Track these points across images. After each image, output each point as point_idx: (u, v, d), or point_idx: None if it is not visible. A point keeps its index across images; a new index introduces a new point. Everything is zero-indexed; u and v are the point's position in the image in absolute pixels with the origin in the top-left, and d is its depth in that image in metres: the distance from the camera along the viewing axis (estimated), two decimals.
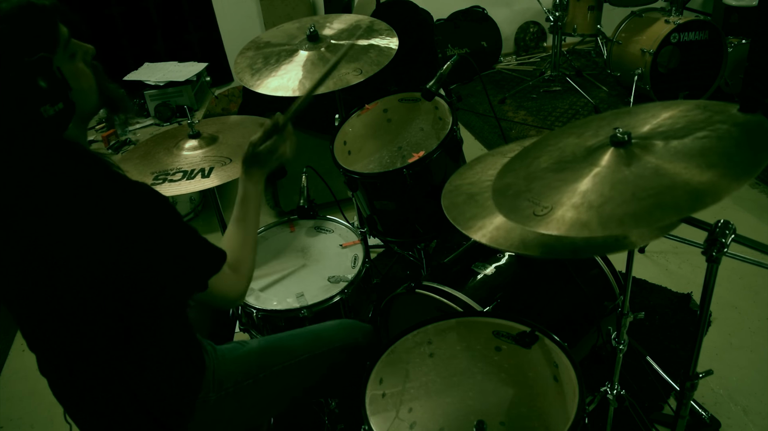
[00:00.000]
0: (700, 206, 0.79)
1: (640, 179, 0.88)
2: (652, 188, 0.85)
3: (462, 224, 1.23)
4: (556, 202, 0.92)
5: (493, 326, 1.28)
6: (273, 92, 1.68)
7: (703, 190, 0.81)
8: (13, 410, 2.11)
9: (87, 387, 1.05)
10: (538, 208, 0.93)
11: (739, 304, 2.13)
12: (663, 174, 0.87)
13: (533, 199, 0.96)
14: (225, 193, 3.29)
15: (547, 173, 1.01)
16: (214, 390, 1.19)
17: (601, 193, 0.89)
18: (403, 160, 1.85)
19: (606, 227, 0.83)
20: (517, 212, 0.95)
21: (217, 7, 4.13)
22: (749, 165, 0.81)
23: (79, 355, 1.02)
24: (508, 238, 1.16)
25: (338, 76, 1.70)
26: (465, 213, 1.27)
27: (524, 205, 0.95)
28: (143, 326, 1.02)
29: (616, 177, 0.91)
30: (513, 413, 1.22)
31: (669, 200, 0.82)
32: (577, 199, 0.90)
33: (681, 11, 3.54)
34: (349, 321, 1.45)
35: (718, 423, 1.71)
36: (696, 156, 0.86)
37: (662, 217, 0.81)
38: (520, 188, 1.01)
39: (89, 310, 0.96)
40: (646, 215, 0.82)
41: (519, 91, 4.08)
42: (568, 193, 0.93)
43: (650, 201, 0.83)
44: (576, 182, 0.94)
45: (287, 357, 1.30)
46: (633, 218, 0.82)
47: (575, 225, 0.86)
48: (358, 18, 1.95)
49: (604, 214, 0.85)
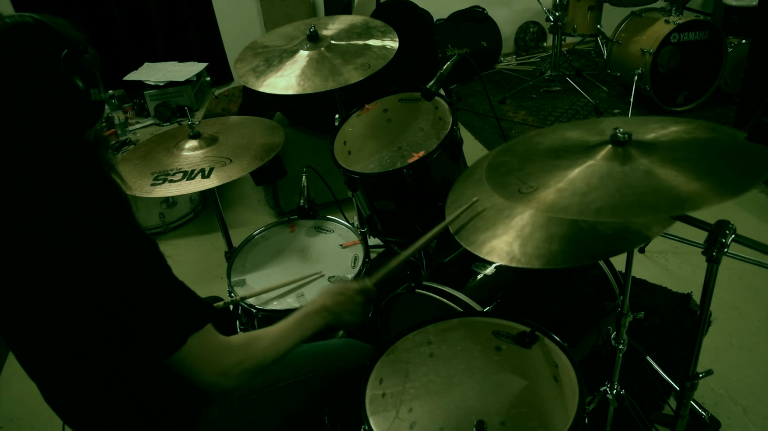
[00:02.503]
0: (678, 211, 0.84)
1: (628, 177, 0.90)
2: (637, 187, 0.88)
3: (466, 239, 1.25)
4: (543, 183, 0.95)
5: (493, 326, 1.28)
6: (283, 91, 1.69)
7: (685, 198, 0.84)
8: (13, 410, 2.11)
9: (87, 387, 1.05)
10: (524, 186, 0.96)
11: (739, 304, 2.13)
12: (653, 176, 0.89)
13: (522, 178, 0.98)
14: (225, 193, 3.30)
15: (543, 158, 1.04)
16: (219, 404, 1.19)
17: (588, 183, 0.92)
18: (403, 160, 1.85)
19: (582, 213, 0.86)
20: (504, 187, 0.98)
21: (217, 8, 4.13)
22: (735, 185, 0.84)
23: (79, 355, 1.01)
24: (510, 251, 1.16)
25: (343, 73, 1.71)
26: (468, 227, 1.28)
27: (512, 182, 0.99)
28: (143, 326, 1.02)
29: (607, 171, 0.93)
30: (513, 413, 1.22)
31: (650, 200, 0.85)
32: (564, 185, 0.93)
33: (681, 11, 3.54)
34: (353, 342, 1.46)
35: (718, 423, 1.71)
36: (688, 167, 0.89)
37: (637, 214, 0.86)
38: (514, 167, 1.04)
39: (89, 310, 0.96)
40: (623, 210, 0.85)
41: (519, 91, 4.08)
42: (557, 177, 0.95)
43: (632, 198, 0.86)
44: (567, 170, 0.96)
45: (292, 374, 1.30)
46: (610, 210, 0.85)
47: (554, 206, 0.89)
48: (356, 19, 1.95)
49: (585, 201, 0.88)
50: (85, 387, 1.05)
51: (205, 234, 2.99)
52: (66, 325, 0.96)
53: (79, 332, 0.95)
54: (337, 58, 1.77)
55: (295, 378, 1.30)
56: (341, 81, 1.69)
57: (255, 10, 4.21)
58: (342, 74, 1.71)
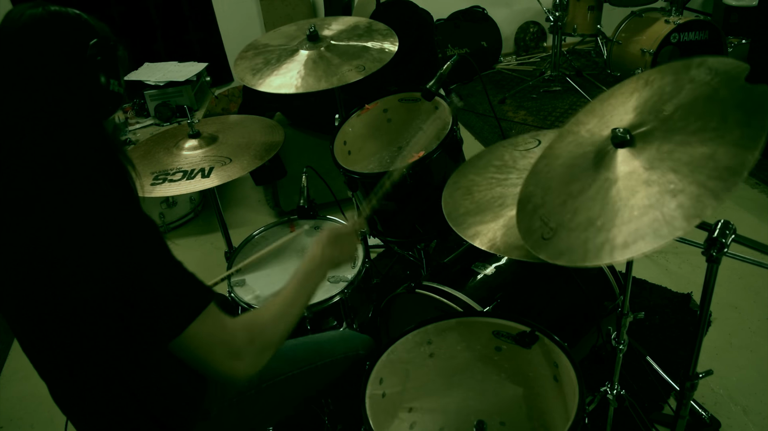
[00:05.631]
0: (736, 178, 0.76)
1: (651, 184, 0.84)
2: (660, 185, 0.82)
3: (459, 225, 1.25)
4: (559, 223, 0.90)
5: (493, 326, 1.28)
6: (276, 90, 1.69)
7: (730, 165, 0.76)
8: (13, 410, 2.11)
9: (87, 387, 1.05)
10: (546, 229, 0.90)
11: (739, 304, 2.13)
12: (676, 164, 0.82)
13: (544, 217, 0.93)
14: (225, 193, 3.30)
15: (559, 183, 0.99)
16: (217, 399, 1.19)
17: (612, 207, 0.86)
18: (403, 159, 1.85)
19: (594, 258, 0.82)
20: (530, 233, 0.93)
21: (217, 8, 4.13)
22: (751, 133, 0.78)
23: (79, 355, 1.01)
24: (507, 242, 1.16)
25: (340, 73, 1.71)
26: (459, 209, 1.28)
27: (536, 226, 0.93)
28: (143, 326, 1.02)
29: (625, 184, 0.87)
30: (513, 413, 1.22)
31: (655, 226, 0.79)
32: (578, 216, 0.88)
33: (681, 11, 3.54)
34: (350, 332, 1.46)
35: (718, 423, 1.71)
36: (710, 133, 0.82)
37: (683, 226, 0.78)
38: (537, 202, 0.99)
39: (89, 310, 0.96)
40: (631, 244, 0.80)
41: (519, 91, 4.08)
42: (569, 208, 0.90)
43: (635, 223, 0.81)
44: (580, 195, 0.91)
45: (289, 367, 1.30)
46: (622, 246, 0.80)
47: (580, 251, 0.84)
48: (360, 20, 1.95)
49: (597, 238, 0.83)
50: (84, 387, 1.05)
51: (205, 234, 2.99)
52: (67, 321, 0.96)
53: (80, 326, 0.95)
54: (335, 58, 1.78)
55: (293, 372, 1.29)
56: (334, 82, 1.70)
57: (255, 10, 4.21)
58: (336, 75, 1.71)
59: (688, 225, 0.77)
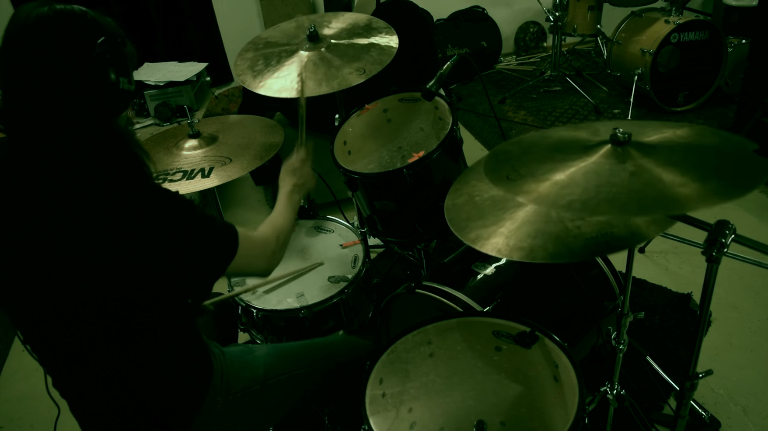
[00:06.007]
0: (646, 212, 0.87)
1: (614, 176, 0.91)
2: (618, 185, 0.88)
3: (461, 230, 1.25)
4: (531, 172, 0.96)
5: (493, 326, 1.28)
6: (277, 94, 1.69)
7: (669, 198, 0.83)
8: (13, 410, 2.11)
9: (87, 387, 1.05)
10: (513, 173, 0.98)
11: (739, 304, 2.13)
12: (638, 176, 0.89)
13: (515, 166, 1.00)
14: (225, 193, 3.30)
15: (543, 150, 1.05)
16: (221, 394, 1.19)
17: (572, 177, 0.92)
18: (403, 160, 1.84)
19: (554, 204, 0.89)
20: (495, 172, 1.01)
21: (217, 8, 4.12)
22: (724, 191, 0.83)
23: (79, 355, 1.02)
24: (508, 245, 1.16)
25: (340, 77, 1.71)
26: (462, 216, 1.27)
27: (504, 168, 1.01)
28: (143, 326, 1.02)
29: (594, 169, 0.93)
30: (513, 413, 1.22)
31: (623, 200, 0.85)
32: (548, 176, 0.94)
33: (681, 11, 3.54)
34: (352, 338, 1.49)
35: (718, 423, 1.71)
36: (684, 170, 0.88)
37: (605, 212, 0.90)
38: (513, 154, 1.06)
39: (89, 310, 0.96)
40: (593, 206, 0.86)
41: (519, 91, 4.08)
42: (546, 169, 0.96)
43: (607, 196, 0.87)
44: (559, 163, 0.97)
45: (294, 366, 1.33)
46: (581, 204, 0.86)
47: (528, 194, 0.91)
48: (355, 17, 1.94)
49: (561, 193, 0.89)
50: (85, 387, 1.05)
51: None
52: (67, 321, 0.96)
53: (80, 326, 0.97)
54: (336, 59, 1.77)
55: (297, 371, 1.33)
56: (335, 86, 1.69)
57: (255, 10, 4.21)
58: (337, 78, 1.71)
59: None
